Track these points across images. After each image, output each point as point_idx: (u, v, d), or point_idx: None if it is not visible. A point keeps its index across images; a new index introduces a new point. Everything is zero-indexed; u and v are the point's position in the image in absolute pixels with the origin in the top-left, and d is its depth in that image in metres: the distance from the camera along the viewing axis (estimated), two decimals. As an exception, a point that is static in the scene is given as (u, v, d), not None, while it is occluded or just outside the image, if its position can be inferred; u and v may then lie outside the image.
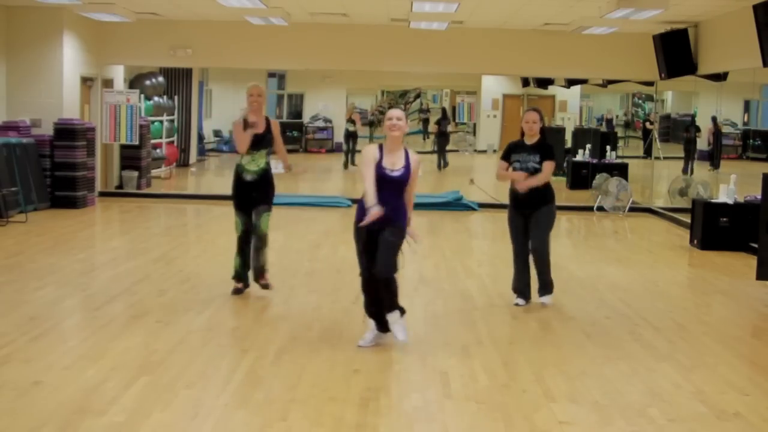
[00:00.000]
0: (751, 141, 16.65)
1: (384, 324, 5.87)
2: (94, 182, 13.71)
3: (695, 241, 10.81)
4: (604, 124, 24.08)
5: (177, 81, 19.99)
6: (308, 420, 4.54)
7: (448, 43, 14.29)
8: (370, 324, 5.94)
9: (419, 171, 5.96)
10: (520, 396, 5.04)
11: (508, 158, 7.20)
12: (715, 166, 15.56)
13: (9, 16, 13.03)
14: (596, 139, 17.98)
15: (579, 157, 17.54)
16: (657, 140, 17.01)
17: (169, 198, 14.83)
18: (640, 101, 25.79)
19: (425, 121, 29.89)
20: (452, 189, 15.36)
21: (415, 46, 14.37)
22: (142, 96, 16.56)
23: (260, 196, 7.27)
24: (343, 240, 10.80)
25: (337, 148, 26.74)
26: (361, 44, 14.54)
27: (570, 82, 19.85)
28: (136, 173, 15.23)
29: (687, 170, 16.18)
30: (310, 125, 26.97)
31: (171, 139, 19.14)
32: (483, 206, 14.04)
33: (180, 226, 12.67)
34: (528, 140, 7.17)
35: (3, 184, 11.44)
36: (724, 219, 10.58)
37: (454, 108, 29.69)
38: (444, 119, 22.31)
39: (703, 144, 16.15)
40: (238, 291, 7.38)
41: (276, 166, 7.49)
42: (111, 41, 14.33)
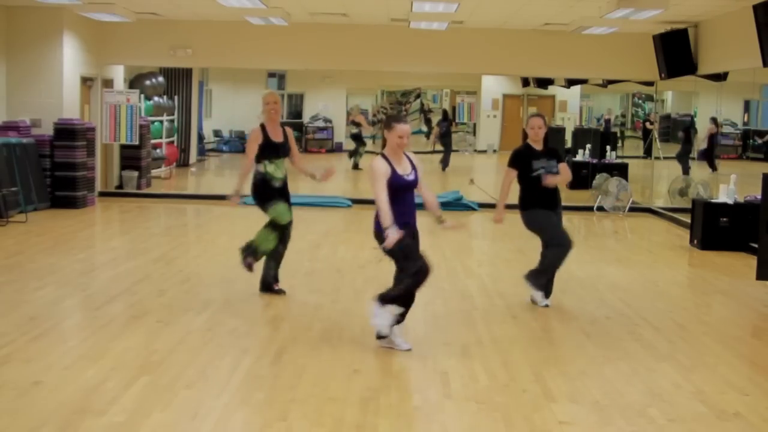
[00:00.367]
0: (751, 141, 16.66)
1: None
2: (94, 182, 13.71)
3: (695, 241, 10.82)
4: (603, 125, 24.08)
5: (177, 81, 19.99)
6: (308, 420, 4.54)
7: (448, 43, 14.30)
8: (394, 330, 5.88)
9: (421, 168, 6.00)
10: (520, 396, 5.04)
11: (524, 165, 7.15)
12: (713, 168, 15.55)
13: (9, 16, 13.03)
14: (596, 139, 17.99)
15: (579, 157, 17.54)
16: (657, 140, 17.02)
17: (169, 198, 14.83)
18: (640, 101, 25.80)
19: (428, 122, 29.90)
20: (452, 189, 15.36)
21: (415, 46, 14.38)
22: (142, 96, 16.56)
23: (289, 206, 7.37)
24: (343, 240, 10.81)
25: (337, 148, 26.78)
26: (361, 44, 14.55)
27: (570, 82, 19.85)
28: (136, 173, 15.23)
29: (686, 170, 16.17)
30: (310, 125, 26.98)
31: (171, 139, 19.14)
32: (483, 206, 14.04)
33: (180, 226, 12.67)
34: (536, 146, 7.21)
35: (3, 184, 11.44)
36: (724, 219, 10.58)
37: (454, 108, 29.70)
38: (444, 120, 22.30)
39: (700, 145, 16.13)
40: (251, 268, 7.38)
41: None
42: (111, 41, 14.33)
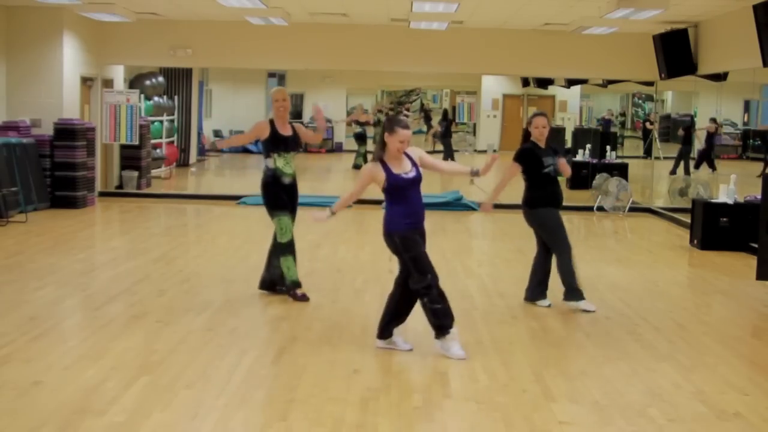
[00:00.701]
0: (751, 141, 16.65)
1: (388, 333, 5.92)
2: (94, 182, 13.71)
3: (695, 241, 10.81)
4: (603, 125, 24.09)
5: (177, 81, 19.99)
6: (308, 420, 4.54)
7: (448, 43, 14.29)
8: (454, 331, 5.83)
9: (423, 152, 5.99)
10: (520, 396, 5.04)
11: (534, 163, 7.12)
12: (712, 168, 15.55)
13: (9, 16, 13.03)
14: (596, 139, 17.99)
15: (579, 157, 17.53)
16: (657, 140, 17.01)
17: (169, 198, 14.83)
18: (640, 101, 25.80)
19: (428, 121, 29.89)
20: (452, 189, 15.36)
21: (415, 46, 14.37)
22: (142, 96, 16.56)
23: (296, 202, 7.40)
24: (343, 240, 10.81)
25: (337, 148, 26.78)
26: (361, 44, 14.55)
27: (570, 82, 19.85)
28: (136, 173, 15.23)
29: (686, 170, 16.18)
30: (311, 125, 26.93)
31: (171, 139, 19.14)
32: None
33: (180, 226, 12.67)
34: (541, 144, 7.20)
35: (3, 184, 11.44)
36: (724, 219, 10.58)
37: (454, 108, 29.70)
38: (444, 120, 22.30)
39: (699, 144, 16.13)
40: (305, 297, 7.28)
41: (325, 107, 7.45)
42: (111, 41, 14.33)
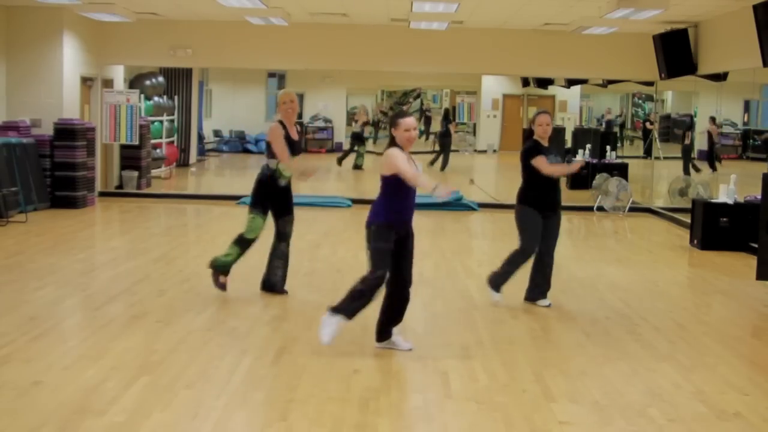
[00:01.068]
0: (751, 141, 16.65)
1: (387, 334, 5.92)
2: (94, 182, 13.71)
3: (695, 241, 10.81)
4: (603, 125, 24.10)
5: (177, 81, 19.99)
6: (308, 420, 4.54)
7: (448, 43, 14.29)
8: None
9: None
10: (520, 396, 5.04)
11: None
12: (713, 168, 15.55)
13: (9, 16, 13.03)
14: (596, 139, 17.99)
15: (579, 158, 17.53)
16: (657, 140, 17.02)
17: (169, 198, 14.83)
18: (640, 101, 25.81)
19: (428, 122, 29.88)
20: (452, 189, 15.33)
21: (415, 46, 14.37)
22: (142, 96, 16.56)
23: (290, 204, 7.37)
24: (343, 240, 10.80)
25: (337, 148, 26.77)
26: (361, 44, 14.55)
27: (570, 82, 19.85)
28: (136, 173, 15.23)
29: (686, 170, 16.17)
30: (311, 125, 26.98)
31: (171, 139, 19.14)
32: (483, 206, 14.02)
33: (180, 226, 12.67)
34: (545, 143, 7.18)
35: (3, 184, 11.45)
36: (724, 219, 10.58)
37: (454, 108, 29.71)
38: (445, 120, 22.30)
39: (702, 145, 16.13)
40: (224, 287, 7.38)
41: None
42: (111, 41, 14.33)
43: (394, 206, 5.68)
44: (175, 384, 5.03)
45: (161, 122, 18.14)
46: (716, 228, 10.58)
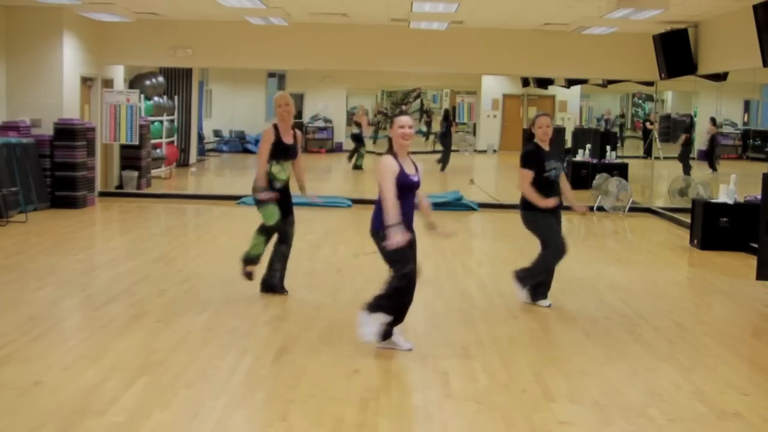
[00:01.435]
0: (751, 141, 16.65)
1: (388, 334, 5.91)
2: (94, 182, 13.71)
3: (695, 241, 10.81)
4: (603, 125, 24.09)
5: (177, 81, 19.99)
6: (308, 420, 4.54)
7: (448, 43, 14.29)
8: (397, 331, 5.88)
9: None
10: (520, 396, 5.04)
11: (537, 165, 7.08)
12: (713, 168, 15.54)
13: (9, 16, 13.03)
14: (596, 139, 17.99)
15: (579, 157, 17.54)
16: (657, 140, 17.01)
17: (169, 198, 14.83)
18: (640, 101, 25.79)
19: (428, 122, 29.87)
20: (452, 189, 15.36)
21: (415, 46, 14.37)
22: (142, 96, 16.56)
23: (289, 205, 7.40)
24: (343, 240, 10.81)
25: (337, 148, 26.78)
26: (361, 44, 14.55)
27: (570, 82, 19.84)
28: (136, 173, 15.23)
29: (686, 170, 16.16)
30: (310, 125, 26.98)
31: (171, 139, 19.14)
32: (483, 206, 14.02)
33: (180, 226, 12.67)
34: (544, 146, 7.13)
35: (3, 184, 11.45)
36: (724, 219, 10.58)
37: (454, 108, 29.70)
38: (445, 120, 22.29)
39: (701, 145, 16.12)
40: (251, 275, 7.38)
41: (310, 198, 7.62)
42: (111, 41, 14.33)
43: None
44: (175, 384, 5.03)
45: (161, 122, 18.14)
46: (716, 228, 10.58)
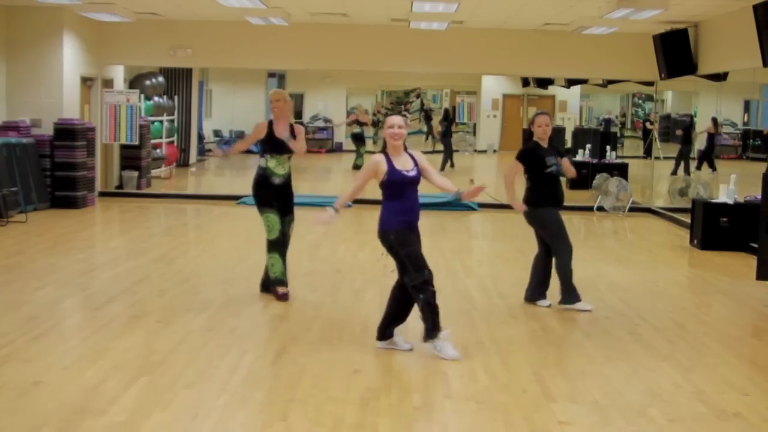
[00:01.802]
0: (751, 141, 16.65)
1: (389, 334, 5.90)
2: (94, 182, 13.71)
3: (695, 241, 10.81)
4: (603, 125, 24.09)
5: (177, 81, 19.99)
6: (308, 420, 4.54)
7: (448, 43, 14.29)
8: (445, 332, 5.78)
9: (425, 159, 5.99)
10: (520, 396, 5.04)
11: (536, 162, 7.09)
12: (713, 168, 15.55)
13: (9, 16, 13.03)
14: (596, 139, 17.99)
15: (579, 157, 17.53)
16: (657, 140, 17.01)
17: (169, 198, 14.83)
18: (640, 101, 25.80)
19: (429, 120, 29.87)
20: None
21: (415, 46, 14.37)
22: (142, 96, 16.56)
23: (290, 204, 7.34)
24: (343, 240, 10.80)
25: (337, 148, 26.78)
26: (361, 44, 14.54)
27: (570, 82, 19.85)
28: (136, 173, 15.23)
29: (686, 170, 16.18)
30: (310, 125, 26.98)
31: (171, 139, 19.14)
32: (483, 206, 14.03)
33: (180, 226, 12.67)
34: (543, 143, 7.17)
35: (3, 184, 11.44)
36: (724, 219, 10.58)
37: (454, 108, 29.70)
38: (445, 120, 22.28)
39: (700, 144, 16.13)
40: (286, 296, 7.24)
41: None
42: (111, 41, 14.33)
43: (402, 209, 5.71)
44: (175, 384, 5.03)
45: (161, 122, 18.14)
46: (716, 228, 10.57)
